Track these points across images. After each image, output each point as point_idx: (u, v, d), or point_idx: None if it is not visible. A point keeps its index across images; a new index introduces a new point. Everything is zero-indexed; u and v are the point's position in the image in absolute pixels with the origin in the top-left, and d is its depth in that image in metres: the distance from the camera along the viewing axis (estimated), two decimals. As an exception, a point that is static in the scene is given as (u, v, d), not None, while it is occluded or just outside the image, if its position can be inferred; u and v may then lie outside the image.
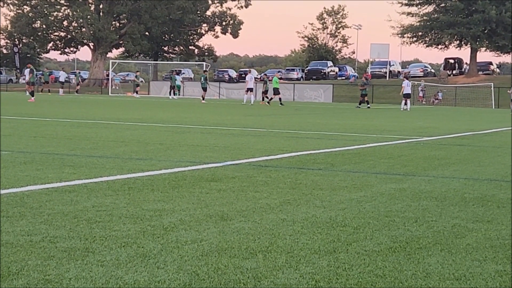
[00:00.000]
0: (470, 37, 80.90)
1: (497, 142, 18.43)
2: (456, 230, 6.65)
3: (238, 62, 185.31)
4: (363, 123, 26.86)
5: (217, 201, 7.78)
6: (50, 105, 37.66)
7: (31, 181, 8.82)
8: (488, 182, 10.14)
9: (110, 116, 26.89)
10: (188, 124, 22.49)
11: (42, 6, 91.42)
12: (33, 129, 18.44)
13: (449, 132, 22.02)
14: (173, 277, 4.80)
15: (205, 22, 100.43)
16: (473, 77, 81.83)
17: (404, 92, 48.36)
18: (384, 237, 6.23)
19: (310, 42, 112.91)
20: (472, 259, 5.55)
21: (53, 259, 5.15)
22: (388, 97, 64.46)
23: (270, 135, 18.44)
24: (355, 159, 12.83)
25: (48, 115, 26.07)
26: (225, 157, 12.41)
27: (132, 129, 19.29)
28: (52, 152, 12.46)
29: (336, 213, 7.28)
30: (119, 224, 6.43)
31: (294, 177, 10.02)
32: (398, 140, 17.80)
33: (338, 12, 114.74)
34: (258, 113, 34.40)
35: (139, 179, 9.32)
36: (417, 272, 5.11)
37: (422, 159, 13.12)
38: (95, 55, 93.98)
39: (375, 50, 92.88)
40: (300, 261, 5.32)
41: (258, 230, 6.34)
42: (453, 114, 43.47)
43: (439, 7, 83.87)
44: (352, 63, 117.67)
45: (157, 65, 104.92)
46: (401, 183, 9.72)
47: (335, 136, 19.28)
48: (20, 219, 6.50)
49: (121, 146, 14.00)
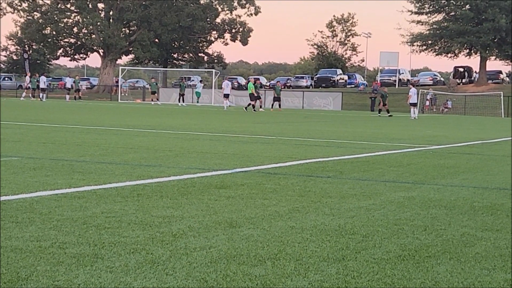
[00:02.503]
0: (479, 46, 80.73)
1: (507, 151, 18.37)
2: (465, 238, 6.64)
3: (247, 69, 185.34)
4: (372, 131, 26.84)
5: (226, 208, 7.78)
6: (60, 111, 37.74)
7: (41, 187, 8.84)
8: (497, 191, 10.12)
9: (120, 122, 26.94)
10: (197, 131, 22.51)
11: (52, 13, 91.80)
12: (42, 135, 18.48)
13: (458, 141, 21.97)
14: (182, 283, 4.80)
15: (214, 29, 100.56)
16: (483, 86, 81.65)
17: (410, 101, 48.36)
18: (393, 245, 6.22)
19: (320, 50, 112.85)
20: (481, 268, 5.54)
21: (62, 265, 5.16)
22: (397, 106, 64.30)
23: (279, 143, 18.43)
24: (364, 167, 12.81)
25: (58, 121, 26.13)
26: (234, 164, 12.41)
27: (141, 136, 19.32)
28: (62, 158, 12.49)
29: (345, 221, 7.27)
30: (128, 230, 6.43)
31: (303, 184, 10.01)
32: (407, 149, 17.78)
33: (348, 20, 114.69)
34: (267, 121, 34.40)
35: (148, 185, 9.33)
36: (426, 281, 5.10)
37: (431, 168, 13.10)
38: (104, 61, 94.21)
39: (385, 58, 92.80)
40: (309, 268, 5.31)
41: (267, 237, 6.34)
42: (463, 122, 43.39)
43: (449, 15, 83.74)
44: (361, 71, 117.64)
45: (167, 72, 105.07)
46: (410, 192, 9.71)
47: (344, 144, 19.26)
48: (29, 224, 6.51)
49: (130, 153, 14.02)
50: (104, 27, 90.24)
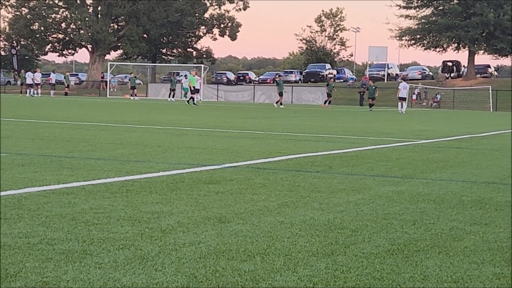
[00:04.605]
0: (468, 40, 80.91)
1: (495, 145, 18.44)
2: (454, 232, 6.65)
3: (236, 64, 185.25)
4: (361, 126, 26.87)
5: (215, 204, 7.77)
6: (48, 107, 37.63)
7: (29, 183, 8.81)
8: (486, 185, 10.14)
9: (108, 118, 26.88)
10: (186, 127, 22.49)
11: (40, 8, 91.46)
12: (31, 131, 18.43)
13: (447, 135, 22.02)
14: (171, 279, 4.79)
15: (203, 24, 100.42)
16: (471, 80, 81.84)
17: (399, 95, 48.43)
18: (382, 240, 6.22)
19: (308, 45, 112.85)
20: (470, 261, 5.55)
21: (51, 261, 5.14)
22: (386, 100, 64.45)
23: (268, 138, 18.44)
24: (353, 162, 12.83)
25: (46, 117, 26.06)
26: (223, 159, 12.40)
27: (130, 131, 19.29)
28: (50, 154, 12.45)
29: (334, 216, 7.27)
30: (117, 226, 6.42)
31: (292, 179, 10.01)
32: (396, 143, 17.81)
33: (336, 14, 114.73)
34: (257, 116, 34.39)
35: (137, 181, 9.32)
36: (415, 275, 5.11)
37: (420, 162, 13.12)
38: (93, 57, 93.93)
39: (373, 53, 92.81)
40: (298, 263, 5.32)
41: (256, 233, 6.34)
42: (451, 116, 43.49)
43: (437, 10, 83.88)
44: (350, 65, 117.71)
45: (155, 67, 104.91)
46: (399, 186, 9.72)
47: (333, 138, 19.27)
48: (18, 221, 6.49)
49: (119, 148, 14.00)
50: (92, 22, 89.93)
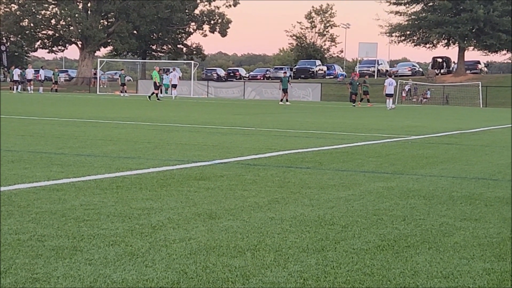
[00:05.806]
0: (458, 36, 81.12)
1: (485, 141, 18.49)
2: (444, 228, 6.66)
3: (226, 60, 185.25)
4: (351, 122, 26.90)
5: (205, 200, 7.77)
6: (38, 104, 37.53)
7: (19, 179, 8.79)
8: (476, 181, 10.17)
9: (98, 114, 26.83)
10: (176, 123, 22.47)
11: (30, 5, 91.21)
12: (20, 127, 18.38)
13: (437, 131, 22.06)
14: (161, 275, 4.79)
15: (193, 20, 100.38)
16: (461, 76, 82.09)
17: (386, 92, 48.37)
18: (372, 236, 6.23)
19: (299, 41, 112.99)
20: (459, 257, 5.56)
21: (41, 257, 5.13)
22: (376, 96, 64.51)
23: (259, 134, 18.44)
24: (344, 158, 12.84)
25: (36, 113, 25.99)
26: (214, 155, 12.40)
27: (120, 128, 19.26)
28: (40, 150, 12.42)
29: (325, 212, 7.28)
30: (107, 222, 6.41)
31: (283, 175, 10.01)
32: (386, 139, 17.84)
33: (326, 11, 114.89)
34: (247, 112, 34.38)
35: (127, 177, 9.30)
36: (405, 270, 5.11)
37: (410, 158, 13.15)
38: (83, 53, 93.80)
39: (363, 49, 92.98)
40: (288, 259, 5.32)
41: (246, 229, 6.34)
42: (441, 112, 43.56)
43: (427, 6, 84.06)
44: (340, 62, 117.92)
45: (145, 63, 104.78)
46: (389, 182, 9.73)
47: (323, 135, 19.29)
48: (8, 217, 6.47)
49: (109, 145, 13.97)
50: (82, 19, 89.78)
